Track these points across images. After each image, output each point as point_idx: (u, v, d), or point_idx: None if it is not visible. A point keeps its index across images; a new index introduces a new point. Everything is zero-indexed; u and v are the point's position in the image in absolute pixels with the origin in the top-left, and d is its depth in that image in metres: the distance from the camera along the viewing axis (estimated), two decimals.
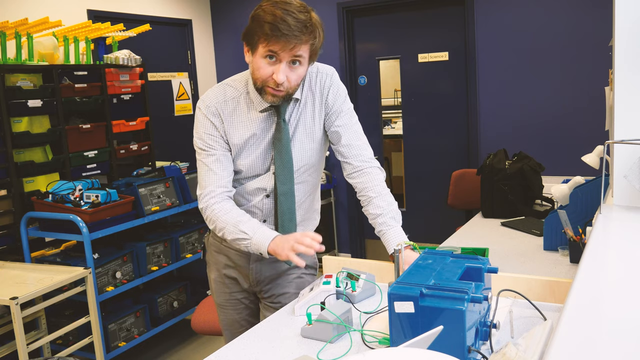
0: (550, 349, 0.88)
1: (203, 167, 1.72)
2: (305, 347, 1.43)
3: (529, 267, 2.22)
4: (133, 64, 3.80)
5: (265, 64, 1.58)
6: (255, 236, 1.63)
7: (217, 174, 1.71)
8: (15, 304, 2.45)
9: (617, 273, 1.23)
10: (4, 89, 3.06)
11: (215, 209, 1.69)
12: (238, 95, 1.72)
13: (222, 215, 1.68)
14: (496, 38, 4.23)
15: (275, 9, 1.53)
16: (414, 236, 1.95)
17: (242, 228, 1.65)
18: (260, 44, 1.56)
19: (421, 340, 1.03)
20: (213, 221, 1.70)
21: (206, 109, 1.71)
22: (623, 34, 1.57)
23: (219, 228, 1.69)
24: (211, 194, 1.70)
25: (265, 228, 1.65)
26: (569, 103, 4.05)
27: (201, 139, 1.71)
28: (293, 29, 1.52)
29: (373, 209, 1.73)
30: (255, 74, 1.62)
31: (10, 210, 3.15)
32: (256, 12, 1.56)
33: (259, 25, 1.54)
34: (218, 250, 1.87)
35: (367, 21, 4.78)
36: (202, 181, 1.72)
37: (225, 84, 1.74)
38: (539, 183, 3.07)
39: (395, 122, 5.33)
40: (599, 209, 1.61)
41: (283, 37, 1.52)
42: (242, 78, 1.74)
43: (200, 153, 1.73)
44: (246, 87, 1.71)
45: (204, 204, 1.71)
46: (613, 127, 1.63)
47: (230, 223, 1.67)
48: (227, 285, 1.89)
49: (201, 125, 1.71)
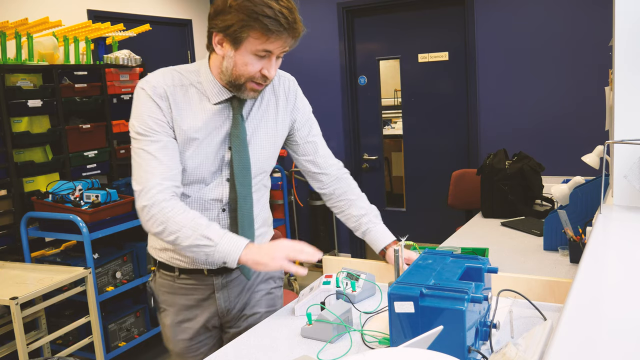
0: (550, 349, 0.88)
1: (144, 155, 1.42)
2: (305, 347, 1.43)
3: (529, 267, 2.22)
4: (133, 64, 3.80)
5: (255, 59, 1.41)
6: (221, 242, 1.40)
7: (164, 164, 1.43)
8: (15, 304, 2.45)
9: (617, 273, 1.23)
10: (4, 89, 3.06)
11: (166, 207, 1.40)
12: (187, 83, 1.50)
13: (175, 216, 1.40)
14: (496, 38, 4.23)
15: (270, 0, 1.35)
16: (414, 236, 1.95)
17: (205, 233, 1.40)
18: (253, 40, 1.38)
19: (421, 340, 1.03)
20: (161, 222, 1.41)
21: (152, 89, 1.45)
22: (623, 34, 1.57)
23: (169, 231, 1.41)
24: (157, 188, 1.41)
25: (231, 234, 1.43)
26: (569, 103, 4.05)
27: (143, 122, 1.43)
28: (291, 22, 1.37)
29: (356, 210, 1.72)
30: (238, 70, 1.43)
31: (10, 210, 3.15)
32: (239, 1, 1.35)
33: (250, 18, 1.34)
34: (172, 290, 1.62)
35: (367, 21, 4.78)
36: (143, 173, 1.42)
37: (172, 70, 1.51)
38: (539, 183, 3.07)
39: (395, 122, 5.33)
40: (599, 209, 1.61)
41: (285, 33, 1.37)
42: (191, 68, 1.53)
43: (139, 140, 1.44)
44: (197, 77, 1.51)
45: (148, 200, 1.40)
46: (613, 127, 1.63)
47: (187, 226, 1.40)
48: (186, 330, 1.64)
49: (144, 106, 1.44)
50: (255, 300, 1.70)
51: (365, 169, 4.97)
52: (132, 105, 1.48)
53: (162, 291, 1.63)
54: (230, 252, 1.40)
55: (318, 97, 4.94)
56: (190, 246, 1.41)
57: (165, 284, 1.62)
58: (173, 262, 1.60)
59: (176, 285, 1.61)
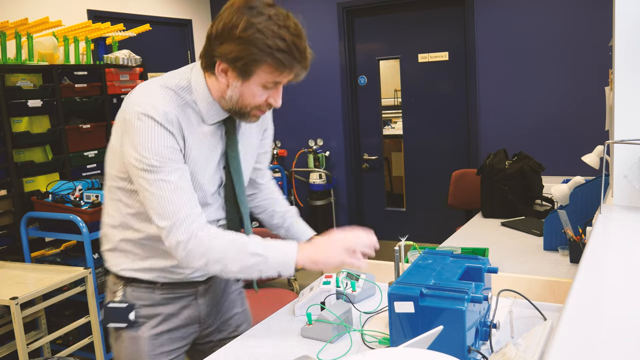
0: (550, 349, 0.88)
1: (166, 186, 1.31)
2: (305, 347, 1.43)
3: (529, 267, 2.22)
4: (133, 64, 3.80)
5: (262, 90, 1.34)
6: (271, 254, 1.34)
7: (188, 192, 1.33)
8: (15, 304, 2.45)
9: (617, 273, 1.23)
10: (4, 89, 3.06)
11: (203, 237, 1.32)
12: (183, 104, 1.37)
13: (214, 244, 1.32)
14: (496, 38, 4.22)
15: (281, 31, 1.27)
16: (414, 236, 1.95)
17: (252, 249, 1.33)
18: (264, 74, 1.30)
19: (421, 340, 1.03)
20: (202, 254, 1.32)
21: (162, 116, 1.31)
22: (623, 34, 1.57)
23: (213, 261, 1.33)
24: (190, 219, 1.31)
25: (274, 242, 1.37)
26: (569, 103, 4.05)
27: (158, 154, 1.30)
28: (303, 52, 1.30)
29: (280, 207, 1.73)
30: (245, 101, 1.36)
31: (10, 210, 3.15)
32: (249, 32, 1.26)
33: (263, 52, 1.26)
34: (152, 302, 1.50)
35: (367, 21, 4.78)
36: (168, 205, 1.31)
37: (165, 88, 1.36)
38: (539, 183, 3.07)
39: (395, 122, 5.33)
40: (599, 209, 1.61)
41: (298, 66, 1.31)
42: (182, 84, 1.39)
43: (155, 172, 1.31)
44: (191, 96, 1.39)
45: (183, 234, 1.31)
46: (613, 127, 1.63)
47: (229, 250, 1.33)
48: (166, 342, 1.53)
49: (157, 136, 1.30)
50: (231, 302, 1.68)
51: (365, 169, 4.97)
52: (134, 133, 1.30)
53: (140, 304, 1.50)
54: (284, 261, 1.35)
55: (318, 97, 4.94)
56: (242, 269, 1.34)
57: (143, 297, 1.50)
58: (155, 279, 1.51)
59: (157, 297, 1.50)
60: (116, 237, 1.49)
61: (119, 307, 1.49)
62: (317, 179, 4.90)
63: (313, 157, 4.93)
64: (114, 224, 1.48)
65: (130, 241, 1.47)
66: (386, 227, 4.98)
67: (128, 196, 1.42)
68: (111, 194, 1.47)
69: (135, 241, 1.46)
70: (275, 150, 5.13)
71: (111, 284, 1.55)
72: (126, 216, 1.45)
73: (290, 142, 5.12)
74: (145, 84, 1.40)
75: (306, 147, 5.01)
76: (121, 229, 1.47)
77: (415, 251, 1.83)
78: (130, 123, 1.32)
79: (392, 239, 4.80)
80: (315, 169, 4.91)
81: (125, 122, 1.34)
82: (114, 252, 1.51)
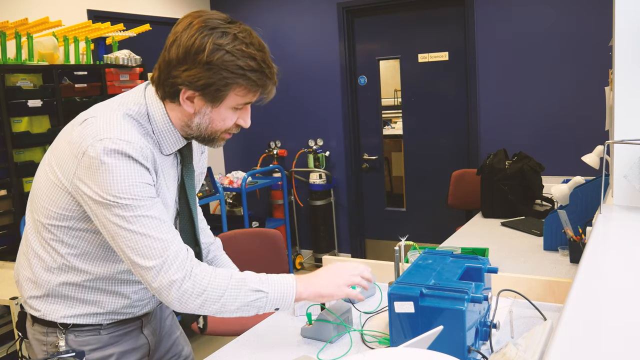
0: (550, 349, 0.88)
1: (148, 222, 1.18)
2: (305, 347, 1.43)
3: (529, 267, 2.22)
4: (133, 64, 3.80)
5: (232, 113, 1.26)
6: (271, 289, 1.28)
7: (171, 227, 1.23)
8: (16, 304, 2.45)
9: (617, 273, 1.23)
10: (4, 89, 3.06)
11: (199, 274, 1.21)
12: (146, 133, 1.26)
13: (213, 280, 1.23)
14: (496, 38, 4.22)
15: (250, 49, 1.19)
16: (414, 236, 1.95)
17: (252, 286, 1.25)
18: (235, 96, 1.23)
19: (421, 340, 1.03)
20: (198, 294, 1.21)
21: (139, 152, 1.18)
22: (623, 34, 1.57)
23: (211, 299, 1.22)
24: (182, 254, 1.21)
25: (271, 276, 1.31)
26: (569, 103, 4.05)
27: (134, 193, 1.17)
28: (272, 68, 1.24)
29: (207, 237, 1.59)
30: (215, 126, 1.27)
31: (10, 210, 3.15)
32: (217, 55, 1.17)
33: (235, 75, 1.18)
34: (102, 344, 1.37)
35: (367, 21, 4.78)
36: (154, 243, 1.18)
37: (131, 117, 1.24)
38: (539, 183, 3.07)
39: (395, 122, 5.33)
40: (599, 209, 1.61)
41: (269, 83, 1.25)
42: (142, 110, 1.26)
43: (134, 208, 1.17)
44: (149, 125, 1.27)
45: (179, 273, 1.19)
46: (613, 127, 1.63)
47: (229, 287, 1.24)
48: None
49: (132, 174, 1.17)
50: (170, 326, 1.58)
51: (365, 169, 4.97)
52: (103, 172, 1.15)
53: (88, 350, 1.35)
54: (284, 295, 1.29)
55: (318, 97, 4.94)
56: (240, 307, 1.25)
57: (90, 341, 1.35)
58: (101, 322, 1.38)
59: (105, 338, 1.37)
60: (52, 282, 1.32)
61: (68, 358, 1.32)
62: (317, 179, 4.90)
63: (313, 157, 4.93)
64: (48, 267, 1.32)
65: (73, 285, 1.32)
66: (386, 227, 4.98)
67: (73, 235, 1.28)
68: (44, 232, 1.30)
69: (78, 284, 1.32)
70: (275, 150, 5.13)
71: (40, 334, 1.36)
72: (67, 257, 1.29)
73: (290, 142, 5.12)
74: (104, 112, 1.23)
75: (306, 147, 5.01)
76: (59, 272, 1.31)
77: (415, 251, 1.83)
78: (96, 159, 1.16)
79: (392, 239, 4.83)
80: (315, 169, 4.91)
81: (85, 157, 1.17)
82: (48, 299, 1.34)
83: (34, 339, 1.38)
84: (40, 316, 1.35)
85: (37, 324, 1.36)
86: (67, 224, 1.27)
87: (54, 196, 1.26)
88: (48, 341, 1.35)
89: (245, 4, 5.10)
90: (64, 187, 1.23)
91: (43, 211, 1.28)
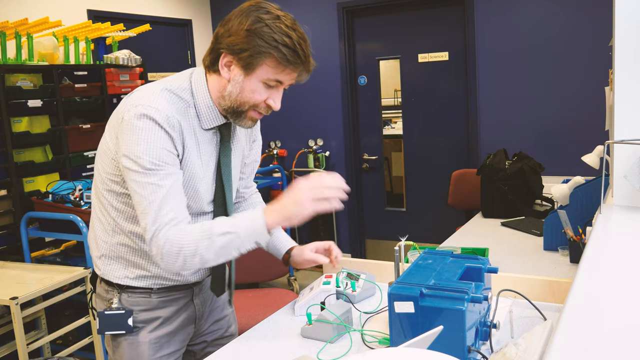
0: (550, 349, 0.88)
1: (156, 190, 1.28)
2: (305, 347, 1.43)
3: (529, 267, 2.22)
4: (133, 64, 3.80)
5: (263, 88, 1.33)
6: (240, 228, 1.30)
7: (177, 199, 1.32)
8: (16, 304, 2.45)
9: (617, 273, 1.23)
10: (4, 89, 3.06)
11: (173, 236, 1.28)
12: (186, 107, 1.37)
13: (186, 237, 1.29)
14: (496, 38, 4.22)
15: (288, 30, 1.28)
16: (414, 236, 1.95)
17: (219, 230, 1.30)
18: (267, 67, 1.30)
19: (421, 340, 1.03)
20: (177, 254, 1.29)
21: (164, 119, 1.29)
22: (623, 34, 1.57)
23: (189, 254, 1.29)
24: (172, 223, 1.29)
25: (241, 215, 1.35)
26: (569, 103, 4.04)
27: (155, 156, 1.28)
28: (307, 55, 1.32)
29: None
30: (244, 97, 1.34)
31: (10, 210, 3.15)
32: (257, 25, 1.28)
33: (269, 45, 1.27)
34: (150, 307, 1.48)
35: (367, 21, 4.78)
36: (158, 209, 1.28)
37: (169, 92, 1.36)
38: (539, 183, 3.07)
39: (395, 122, 5.33)
40: (599, 209, 1.61)
41: (301, 66, 1.32)
42: (184, 85, 1.39)
43: (148, 174, 1.28)
44: (192, 98, 1.38)
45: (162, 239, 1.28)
46: (613, 127, 1.63)
47: (201, 238, 1.29)
48: (166, 344, 1.51)
49: (155, 137, 1.28)
50: (223, 301, 1.67)
51: (365, 169, 4.97)
52: (132, 133, 1.28)
53: (137, 310, 1.47)
54: (255, 228, 1.30)
55: (318, 97, 4.94)
56: (217, 253, 1.30)
57: (140, 302, 1.47)
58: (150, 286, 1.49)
59: (154, 301, 1.48)
60: (108, 242, 1.45)
61: (117, 314, 1.46)
62: None
63: (313, 157, 4.93)
64: (105, 229, 1.45)
65: (124, 246, 1.44)
66: (386, 227, 4.98)
67: (120, 200, 1.39)
68: (101, 197, 1.43)
69: (128, 246, 1.43)
70: (275, 150, 5.13)
71: (103, 291, 1.51)
72: (118, 220, 1.41)
73: (290, 142, 5.12)
74: (147, 86, 1.39)
75: (306, 147, 5.01)
76: (113, 233, 1.43)
77: (415, 251, 1.83)
78: (128, 123, 1.29)
79: (392, 239, 4.83)
80: (315, 169, 4.91)
81: (123, 121, 1.31)
82: (106, 259, 1.47)
83: (99, 295, 1.54)
84: (101, 275, 1.50)
85: (102, 282, 1.51)
86: (115, 188, 1.39)
87: (104, 161, 1.40)
88: (107, 298, 1.50)
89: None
90: (111, 152, 1.37)
91: (98, 177, 1.44)
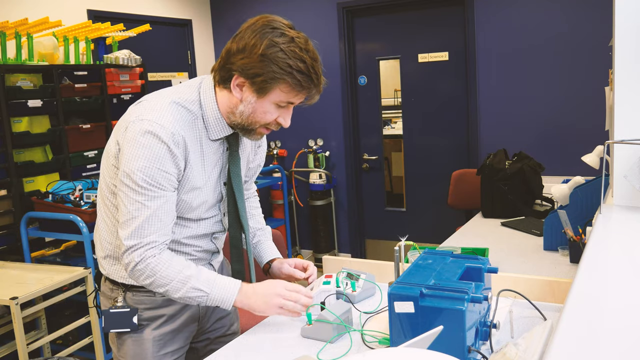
0: (550, 349, 0.88)
1: (142, 210, 1.33)
2: (305, 347, 1.43)
3: (529, 267, 2.22)
4: (133, 64, 3.80)
5: (274, 108, 1.37)
6: (213, 291, 1.40)
7: (162, 221, 1.36)
8: (15, 304, 2.45)
9: (617, 273, 1.23)
10: (4, 89, 3.06)
11: (151, 263, 1.36)
12: (194, 119, 1.40)
13: (163, 270, 1.36)
14: (496, 38, 4.22)
15: (302, 53, 1.31)
16: (414, 236, 1.95)
17: (195, 285, 1.38)
18: (280, 92, 1.33)
19: (421, 340, 1.03)
20: (148, 277, 1.37)
21: (170, 137, 1.32)
22: (623, 34, 1.57)
23: (158, 284, 1.38)
24: (151, 245, 1.35)
25: (222, 279, 1.43)
26: (569, 103, 4.05)
27: (150, 176, 1.31)
28: (320, 77, 1.35)
29: (255, 223, 1.77)
30: (255, 117, 1.38)
31: (10, 210, 3.15)
32: (271, 50, 1.29)
33: (284, 72, 1.30)
34: (155, 305, 1.52)
35: (367, 21, 4.78)
36: (139, 228, 1.34)
37: (177, 104, 1.38)
38: (539, 183, 3.07)
39: (395, 122, 5.33)
40: (599, 209, 1.61)
41: (314, 89, 1.36)
42: (194, 98, 1.41)
43: (138, 192, 1.32)
44: (200, 110, 1.41)
45: (140, 256, 1.35)
46: (613, 127, 1.63)
47: (175, 279, 1.37)
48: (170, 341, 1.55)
49: (154, 157, 1.31)
50: None
51: (365, 169, 4.97)
52: (133, 147, 1.31)
53: (142, 308, 1.51)
54: (223, 300, 1.42)
55: None
56: (182, 298, 1.40)
57: (144, 301, 1.51)
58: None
59: (158, 300, 1.51)
60: (112, 243, 1.48)
61: (122, 312, 1.49)
62: (317, 179, 4.90)
63: (313, 157, 4.93)
64: (109, 230, 1.48)
65: None
66: (386, 227, 4.98)
67: None
68: (105, 198, 1.47)
69: None
70: (275, 150, 5.13)
71: (107, 290, 1.54)
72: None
73: (290, 142, 5.12)
74: (156, 97, 1.40)
75: (306, 147, 5.01)
76: (116, 234, 1.45)
77: (415, 251, 1.83)
78: (132, 136, 1.32)
79: (392, 239, 4.84)
80: (315, 169, 4.91)
81: (127, 131, 1.34)
82: (110, 260, 1.50)
83: (103, 293, 1.57)
84: (106, 275, 1.53)
85: (107, 281, 1.55)
86: (116, 191, 1.40)
87: (107, 165, 1.43)
88: (112, 296, 1.53)
89: (245, 3, 5.10)
90: (112, 157, 1.40)
91: (102, 179, 1.46)
